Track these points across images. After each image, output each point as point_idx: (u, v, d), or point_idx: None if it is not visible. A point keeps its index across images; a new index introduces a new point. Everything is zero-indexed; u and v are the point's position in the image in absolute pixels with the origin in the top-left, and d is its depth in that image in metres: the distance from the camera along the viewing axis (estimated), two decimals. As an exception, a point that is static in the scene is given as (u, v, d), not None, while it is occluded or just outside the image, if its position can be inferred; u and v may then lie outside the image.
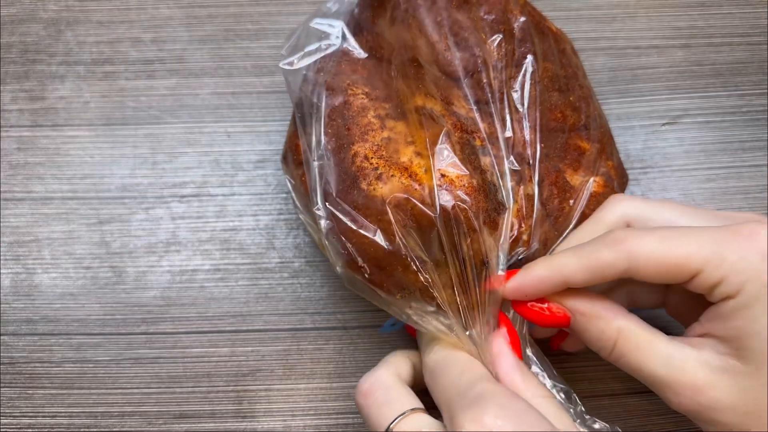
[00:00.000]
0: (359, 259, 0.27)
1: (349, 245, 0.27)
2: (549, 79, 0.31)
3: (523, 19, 0.32)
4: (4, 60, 0.40)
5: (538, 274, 0.26)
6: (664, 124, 0.39)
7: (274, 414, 0.35)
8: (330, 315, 0.36)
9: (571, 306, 0.26)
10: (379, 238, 0.27)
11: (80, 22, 0.41)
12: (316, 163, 0.28)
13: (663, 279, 0.24)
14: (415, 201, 0.26)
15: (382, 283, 0.28)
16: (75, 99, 0.39)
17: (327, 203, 0.28)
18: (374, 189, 0.27)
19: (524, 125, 0.30)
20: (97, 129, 0.39)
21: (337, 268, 0.28)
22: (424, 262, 0.27)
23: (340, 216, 0.27)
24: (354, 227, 0.27)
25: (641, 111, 0.40)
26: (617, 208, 0.27)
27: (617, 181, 0.31)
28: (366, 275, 0.27)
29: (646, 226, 0.26)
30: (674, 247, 0.23)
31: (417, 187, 0.27)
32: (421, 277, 0.27)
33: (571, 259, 0.25)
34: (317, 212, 0.28)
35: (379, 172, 0.27)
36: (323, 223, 0.28)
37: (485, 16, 0.31)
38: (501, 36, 0.31)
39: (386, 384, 0.27)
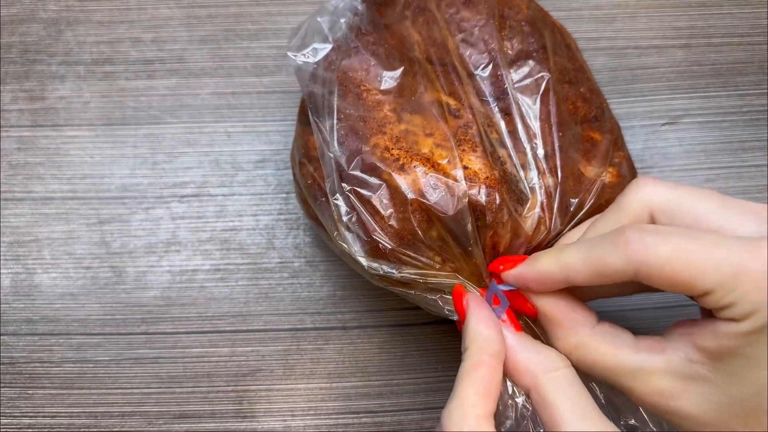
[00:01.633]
0: (386, 238, 0.27)
1: (374, 226, 0.27)
2: (559, 72, 0.31)
3: (530, 13, 0.32)
4: (4, 60, 0.40)
5: (543, 268, 0.24)
6: (664, 124, 0.39)
7: (274, 414, 0.35)
8: (330, 315, 0.36)
9: (536, 303, 0.25)
10: (403, 224, 0.27)
11: (80, 22, 0.41)
12: (332, 155, 0.28)
13: (671, 290, 0.22)
14: (440, 192, 0.27)
15: (407, 261, 0.27)
16: (75, 99, 0.39)
17: (347, 191, 0.28)
18: (397, 179, 0.27)
19: (538, 117, 0.30)
20: (97, 129, 0.39)
21: (359, 258, 0.28)
22: (448, 252, 0.27)
23: (362, 202, 0.27)
24: (376, 215, 0.27)
25: (641, 111, 0.40)
26: (641, 194, 0.24)
27: (629, 172, 0.31)
28: (389, 253, 0.27)
29: (673, 221, 0.23)
30: (688, 264, 0.21)
31: (441, 177, 0.27)
32: (448, 267, 0.27)
33: (576, 257, 0.23)
34: (336, 201, 0.28)
35: (401, 162, 0.27)
36: (343, 210, 0.28)
37: (493, 12, 0.32)
38: (510, 30, 0.31)
39: None
